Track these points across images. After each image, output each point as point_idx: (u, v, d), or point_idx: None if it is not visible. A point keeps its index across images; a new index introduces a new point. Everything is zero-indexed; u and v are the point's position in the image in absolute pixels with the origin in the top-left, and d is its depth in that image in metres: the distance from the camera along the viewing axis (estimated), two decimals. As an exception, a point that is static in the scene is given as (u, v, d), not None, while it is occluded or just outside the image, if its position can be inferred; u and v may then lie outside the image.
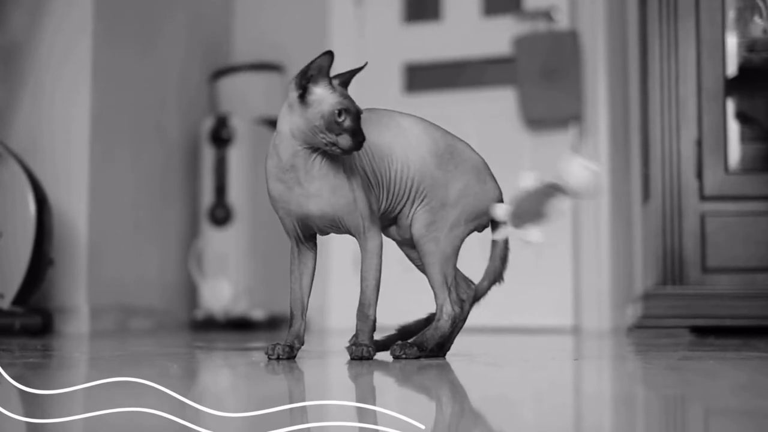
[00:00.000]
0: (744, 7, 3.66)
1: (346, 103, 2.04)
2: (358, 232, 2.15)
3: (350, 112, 2.04)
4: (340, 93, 2.07)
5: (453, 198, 2.21)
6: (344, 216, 2.12)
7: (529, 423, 1.33)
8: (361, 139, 2.03)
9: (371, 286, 2.18)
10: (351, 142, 2.02)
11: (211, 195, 4.90)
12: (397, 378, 1.92)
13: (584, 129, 4.92)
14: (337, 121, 2.03)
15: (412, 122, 2.24)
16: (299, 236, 2.19)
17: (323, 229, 2.18)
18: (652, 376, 1.96)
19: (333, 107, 2.03)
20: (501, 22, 5.11)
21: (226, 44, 5.51)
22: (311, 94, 2.06)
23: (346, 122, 2.03)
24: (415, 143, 2.21)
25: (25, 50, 4.27)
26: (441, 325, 2.21)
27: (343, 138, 2.02)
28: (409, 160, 2.20)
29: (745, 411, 1.38)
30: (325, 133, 2.04)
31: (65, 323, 4.11)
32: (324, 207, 2.11)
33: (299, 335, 2.23)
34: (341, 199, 2.11)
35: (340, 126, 2.03)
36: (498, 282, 2.32)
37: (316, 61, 2.05)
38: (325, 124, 2.03)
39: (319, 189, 2.10)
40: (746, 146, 3.67)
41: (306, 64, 2.06)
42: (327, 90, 2.06)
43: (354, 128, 2.03)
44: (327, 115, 2.03)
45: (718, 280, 3.51)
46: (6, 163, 3.75)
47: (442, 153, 2.22)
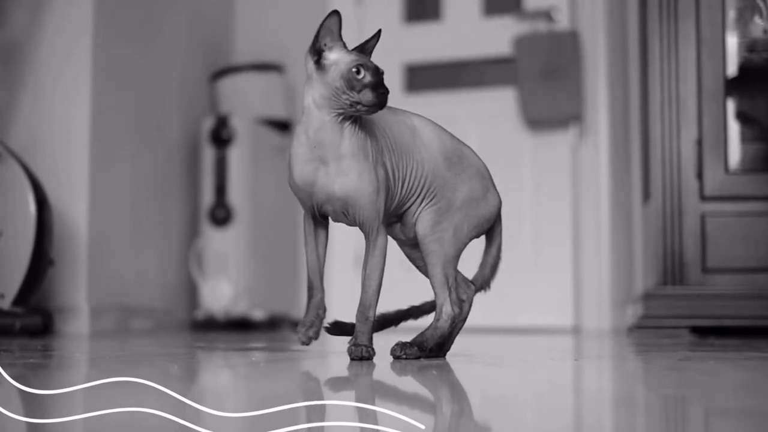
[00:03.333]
0: (744, 7, 3.66)
1: (362, 60, 2.06)
2: (371, 226, 2.13)
3: (368, 67, 2.06)
4: (355, 53, 2.09)
5: (459, 201, 2.21)
6: (365, 205, 2.10)
7: (529, 423, 1.33)
8: (383, 91, 2.03)
9: (374, 287, 2.18)
10: (373, 96, 2.03)
11: (212, 195, 4.90)
12: (397, 378, 1.92)
13: (584, 129, 4.92)
14: (356, 78, 2.04)
15: (423, 123, 2.25)
16: (314, 214, 2.18)
17: (337, 216, 2.17)
18: (653, 376, 1.96)
19: (350, 65, 2.05)
20: (501, 22, 5.11)
21: (227, 44, 5.51)
22: (326, 59, 2.08)
23: (366, 78, 2.04)
24: (427, 143, 2.22)
25: (25, 50, 4.27)
26: (441, 325, 2.21)
27: (364, 94, 2.03)
28: (424, 159, 2.21)
29: (745, 411, 1.38)
30: (348, 93, 2.04)
31: (65, 323, 4.11)
32: (349, 189, 2.08)
33: (321, 305, 2.20)
34: (367, 186, 2.09)
35: (360, 82, 2.04)
36: (484, 290, 2.34)
37: (325, 24, 2.08)
38: (345, 83, 2.04)
39: (348, 169, 2.08)
40: (746, 146, 3.67)
41: (315, 31, 2.07)
42: (341, 51, 2.08)
43: (375, 82, 2.04)
44: (345, 73, 2.05)
45: (719, 280, 3.51)
46: (6, 162, 3.75)
47: (450, 156, 2.23)
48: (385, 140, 2.18)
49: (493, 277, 2.35)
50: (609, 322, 4.80)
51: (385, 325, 2.33)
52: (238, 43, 5.54)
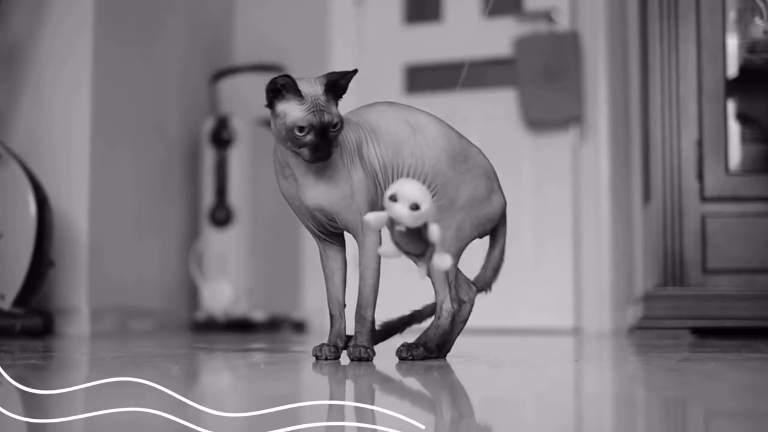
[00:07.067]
0: (744, 8, 3.66)
1: (308, 119, 2.06)
2: (355, 229, 2.16)
3: (313, 127, 2.06)
4: (308, 106, 2.08)
5: (462, 200, 2.21)
6: (340, 210, 2.14)
7: (529, 424, 1.33)
8: (321, 155, 2.06)
9: (369, 287, 2.19)
10: (310, 156, 2.07)
11: (212, 196, 4.90)
12: (397, 378, 1.92)
13: (585, 130, 4.92)
14: (296, 135, 2.06)
15: (429, 120, 2.25)
16: (317, 233, 2.21)
17: (328, 226, 2.19)
18: (653, 377, 1.96)
19: (294, 122, 2.07)
20: (502, 23, 5.11)
21: (227, 45, 5.52)
22: (277, 107, 2.11)
23: (307, 137, 2.07)
24: (431, 141, 2.22)
25: (25, 50, 4.27)
26: (441, 322, 2.22)
27: (303, 151, 2.08)
28: (425, 156, 2.21)
29: (745, 412, 1.38)
30: (290, 143, 2.09)
31: (66, 324, 4.11)
32: (319, 201, 2.14)
33: (341, 334, 2.24)
34: (337, 193, 2.13)
35: (299, 140, 2.07)
36: (485, 291, 2.34)
37: (274, 80, 2.09)
38: (288, 135, 2.08)
39: (315, 182, 2.14)
40: (747, 147, 3.67)
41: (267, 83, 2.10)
42: (293, 104, 2.08)
43: (314, 143, 2.06)
44: (289, 128, 2.07)
45: (719, 281, 3.51)
46: (6, 163, 3.75)
47: (456, 154, 2.23)
48: (376, 136, 2.19)
49: (494, 279, 2.35)
50: (609, 323, 4.79)
51: (390, 333, 2.33)
52: (238, 43, 5.54)
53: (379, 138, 2.19)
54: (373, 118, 2.23)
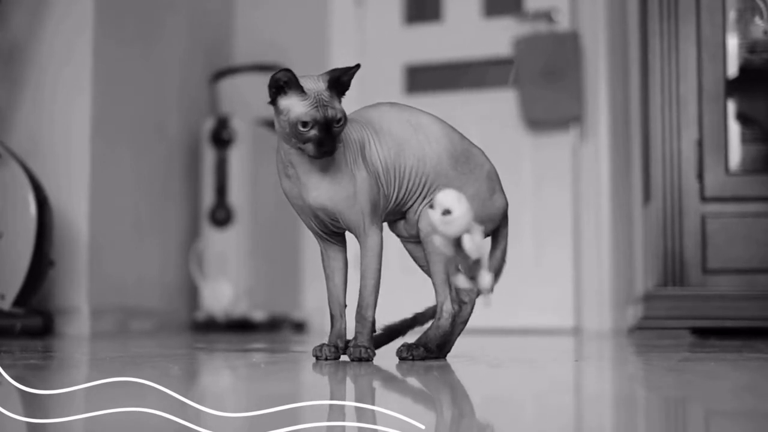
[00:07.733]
0: (744, 8, 3.66)
1: (311, 114, 2.06)
2: (357, 229, 2.16)
3: (317, 122, 2.05)
4: (312, 101, 2.07)
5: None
6: (343, 210, 2.14)
7: (529, 424, 1.33)
8: (326, 150, 2.06)
9: (370, 287, 2.19)
10: (315, 151, 2.06)
11: (212, 196, 4.90)
12: (397, 378, 1.92)
13: (585, 130, 4.92)
14: (301, 131, 2.06)
15: (431, 121, 2.26)
16: (319, 233, 2.21)
17: (331, 225, 2.19)
18: (653, 377, 1.96)
19: (298, 117, 2.07)
20: (502, 23, 5.11)
21: (227, 45, 5.51)
22: (280, 104, 2.10)
23: (311, 132, 2.06)
24: (433, 141, 2.22)
25: (25, 50, 4.27)
26: (442, 323, 2.22)
27: (307, 146, 2.07)
28: (426, 156, 2.21)
29: (745, 412, 1.38)
30: (294, 139, 2.09)
31: (66, 324, 4.11)
32: (322, 200, 2.14)
33: (341, 335, 2.23)
34: (341, 192, 2.13)
35: (304, 135, 2.06)
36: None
37: (275, 77, 2.08)
38: (292, 131, 2.08)
39: (318, 182, 2.13)
40: (747, 147, 3.67)
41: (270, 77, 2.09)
42: (296, 99, 2.08)
43: (318, 138, 2.06)
44: (292, 123, 2.07)
45: (719, 281, 3.51)
46: (6, 163, 3.75)
47: (458, 155, 2.23)
48: (378, 137, 2.19)
49: (496, 281, 2.34)
50: (609, 323, 4.79)
51: (392, 337, 2.33)
52: (238, 43, 5.54)
53: (382, 138, 2.20)
54: (376, 118, 2.23)
